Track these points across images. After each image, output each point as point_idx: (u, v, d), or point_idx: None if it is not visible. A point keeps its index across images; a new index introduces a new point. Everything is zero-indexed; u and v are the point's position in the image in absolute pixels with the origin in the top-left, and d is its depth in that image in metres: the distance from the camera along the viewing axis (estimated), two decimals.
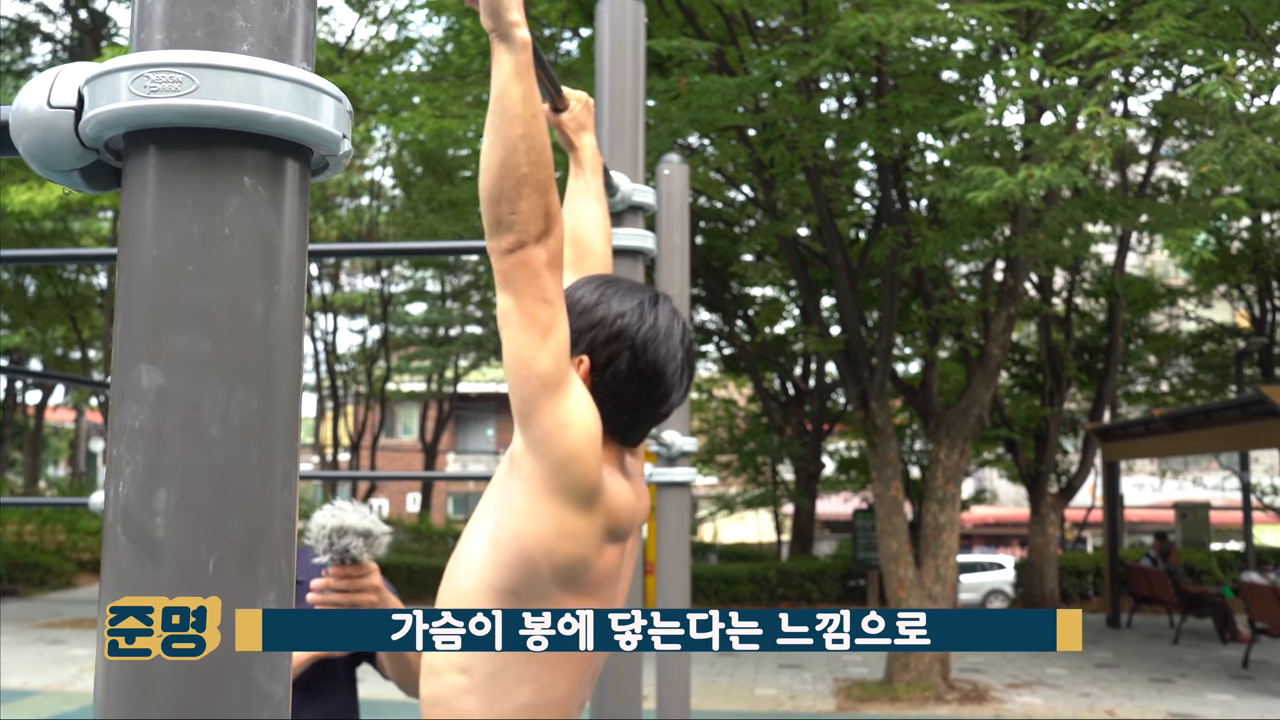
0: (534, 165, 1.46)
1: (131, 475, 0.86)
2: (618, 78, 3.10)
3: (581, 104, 2.11)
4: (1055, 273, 17.81)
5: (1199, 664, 12.71)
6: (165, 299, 0.86)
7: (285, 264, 0.90)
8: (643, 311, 1.68)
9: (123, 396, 0.87)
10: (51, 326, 21.41)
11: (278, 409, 0.89)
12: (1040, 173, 6.36)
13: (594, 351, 1.64)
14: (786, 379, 21.82)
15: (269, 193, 0.89)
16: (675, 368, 1.69)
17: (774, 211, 12.16)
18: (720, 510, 24.94)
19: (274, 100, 0.88)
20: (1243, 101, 5.69)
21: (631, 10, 3.20)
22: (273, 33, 0.90)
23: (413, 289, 25.07)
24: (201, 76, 0.86)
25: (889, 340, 11.27)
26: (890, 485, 11.08)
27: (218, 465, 0.85)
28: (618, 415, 1.66)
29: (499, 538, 1.57)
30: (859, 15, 7.02)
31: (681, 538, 3.88)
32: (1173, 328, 22.74)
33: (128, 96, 0.86)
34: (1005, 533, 30.40)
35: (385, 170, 18.46)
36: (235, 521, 0.86)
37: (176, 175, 0.87)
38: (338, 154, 0.95)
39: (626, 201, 2.95)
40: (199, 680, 0.83)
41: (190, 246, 0.86)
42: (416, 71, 13.00)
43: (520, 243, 1.47)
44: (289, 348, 0.91)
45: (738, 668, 12.40)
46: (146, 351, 0.86)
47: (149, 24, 0.89)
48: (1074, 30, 6.91)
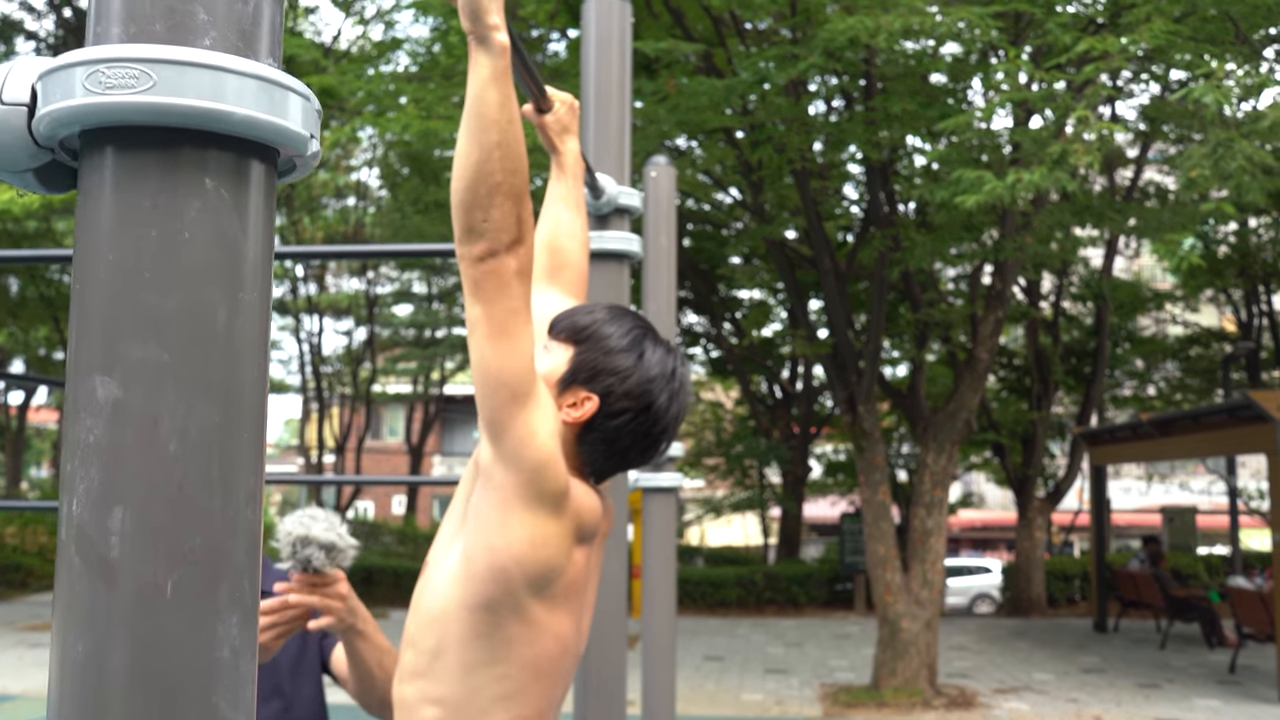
0: (508, 173, 1.44)
1: (86, 492, 0.81)
2: (604, 79, 3.05)
3: (566, 106, 2.07)
4: (1043, 276, 17.85)
5: (1186, 669, 12.72)
6: (122, 307, 0.82)
7: (249, 270, 0.86)
8: (669, 380, 1.68)
9: (77, 409, 0.82)
10: (34, 327, 21.30)
11: (241, 423, 0.84)
12: (1029, 176, 6.34)
13: (607, 396, 1.63)
14: (774, 382, 21.82)
15: (232, 195, 0.85)
16: (673, 436, 1.71)
17: (762, 214, 12.14)
18: (707, 514, 24.92)
19: (238, 98, 0.83)
20: (1231, 106, 5.67)
21: (618, 10, 3.16)
22: (237, 27, 0.85)
23: (399, 290, 25.02)
24: (160, 72, 0.81)
25: (877, 344, 11.25)
26: (878, 490, 11.06)
27: (177, 482, 0.80)
28: (604, 459, 1.66)
29: (471, 553, 1.55)
30: (847, 18, 7.00)
31: (668, 543, 3.85)
32: (1160, 332, 22.81)
33: (82, 93, 0.82)
34: (992, 536, 30.44)
35: (371, 171, 18.40)
36: (196, 541, 0.81)
37: (134, 176, 0.83)
38: (305, 154, 0.90)
39: (612, 204, 2.90)
40: (155, 703, 0.79)
41: (148, 252, 0.82)
42: (403, 72, 12.95)
43: (491, 251, 1.45)
44: (253, 358, 0.86)
45: (724, 673, 12.36)
46: (102, 362, 0.81)
47: (105, 16, 0.84)
48: (1063, 33, 6.90)
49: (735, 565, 21.91)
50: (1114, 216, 9.56)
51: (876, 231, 10.48)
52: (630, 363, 1.65)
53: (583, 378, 1.64)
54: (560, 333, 1.69)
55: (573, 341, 1.67)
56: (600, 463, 1.67)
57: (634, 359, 1.65)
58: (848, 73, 9.47)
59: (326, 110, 11.60)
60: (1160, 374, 22.14)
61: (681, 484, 3.98)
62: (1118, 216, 9.61)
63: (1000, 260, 10.48)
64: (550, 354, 1.68)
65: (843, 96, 10.59)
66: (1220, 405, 12.75)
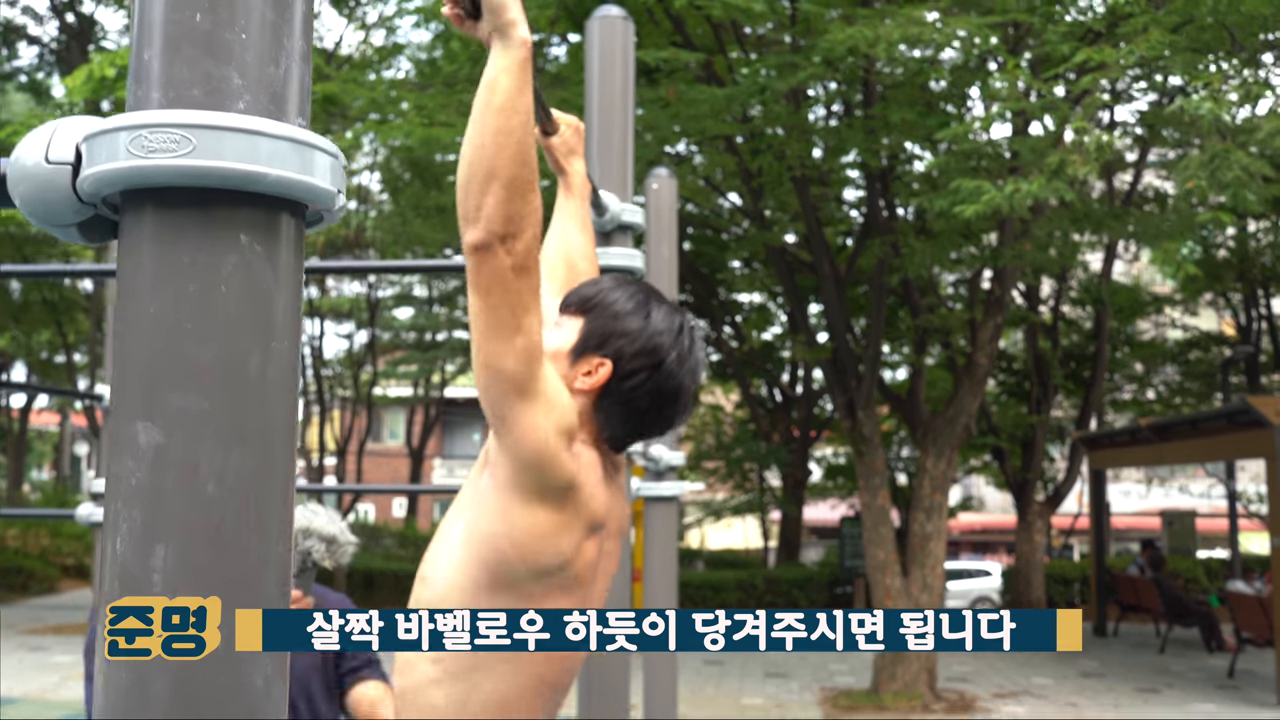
0: (509, 162, 1.43)
1: (129, 532, 0.86)
2: (607, 98, 3.11)
3: (572, 129, 2.11)
4: (1042, 281, 17.88)
5: (1185, 674, 12.76)
6: (163, 357, 0.87)
7: (280, 320, 0.91)
8: (678, 336, 1.71)
9: (120, 453, 0.87)
10: (37, 330, 21.34)
11: (274, 465, 0.90)
12: (1027, 186, 6.40)
13: (619, 359, 1.66)
14: (774, 385, 21.86)
15: (265, 249, 0.90)
16: (688, 398, 1.73)
17: (761, 220, 12.18)
18: (707, 517, 24.95)
19: (271, 159, 0.88)
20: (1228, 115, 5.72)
21: (621, 30, 3.21)
22: (269, 90, 0.91)
23: (400, 294, 25.05)
24: (199, 137, 0.86)
25: (876, 349, 11.30)
26: (877, 494, 11.11)
27: (215, 523, 0.86)
28: (624, 423, 1.69)
29: (472, 536, 1.59)
30: (847, 27, 7.05)
31: (669, 551, 3.90)
32: (1159, 335, 22.84)
33: (126, 156, 0.87)
34: (992, 539, 30.48)
35: (373, 175, 18.43)
36: (232, 576, 0.86)
37: (174, 233, 0.88)
38: (332, 209, 0.95)
39: (616, 221, 2.96)
40: (198, 679, 0.84)
41: (188, 305, 0.87)
42: (405, 78, 12.99)
43: (484, 243, 1.44)
44: (284, 403, 0.91)
45: (724, 677, 12.41)
46: (144, 409, 0.87)
47: (145, 81, 0.89)
48: (1061, 43, 6.95)
49: (735, 568, 21.94)
50: (1112, 223, 9.61)
51: (876, 239, 10.53)
52: (638, 324, 1.68)
53: (594, 344, 1.67)
54: (569, 306, 1.74)
55: (581, 312, 1.71)
56: (619, 428, 1.69)
57: (641, 319, 1.68)
58: (847, 80, 9.52)
59: (328, 117, 11.64)
60: (1159, 378, 22.17)
61: (682, 493, 4.03)
62: (1116, 223, 9.66)
63: (999, 266, 10.54)
64: (561, 328, 1.72)
65: (842, 104, 10.64)
66: (1218, 410, 12.81)
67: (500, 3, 1.43)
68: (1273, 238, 17.73)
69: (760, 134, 9.83)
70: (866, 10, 7.76)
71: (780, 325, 20.51)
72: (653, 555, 3.89)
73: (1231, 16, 6.38)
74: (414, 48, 13.81)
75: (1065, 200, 6.75)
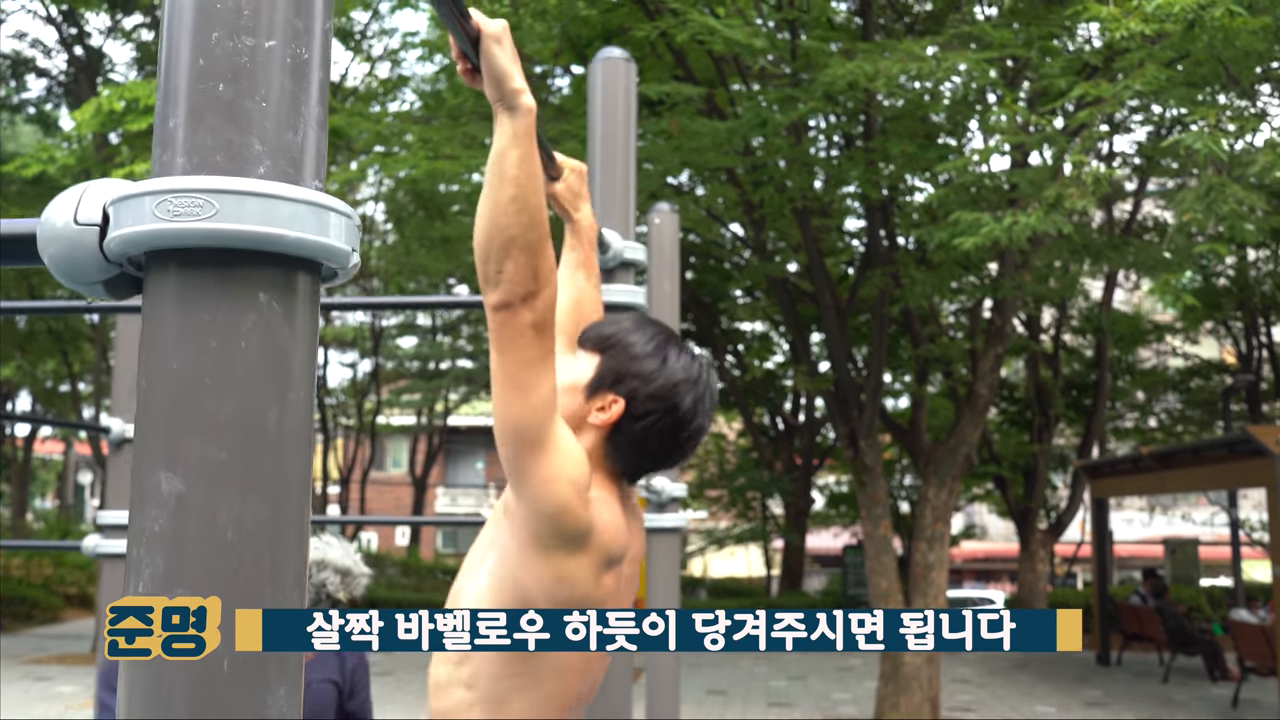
0: (524, 227, 1.49)
1: (150, 576, 0.91)
2: (609, 137, 3.17)
3: (575, 173, 2.15)
4: (1043, 310, 17.94)
5: (1188, 703, 12.72)
6: (184, 409, 0.91)
7: (297, 373, 0.95)
8: (694, 384, 1.76)
9: (143, 501, 0.92)
10: (42, 360, 21.41)
11: (289, 512, 0.94)
12: (1025, 219, 6.46)
13: (633, 399, 1.72)
14: (776, 414, 21.89)
15: (283, 307, 0.94)
16: (697, 440, 1.79)
17: (763, 250, 12.25)
18: (710, 545, 24.93)
19: (289, 221, 0.93)
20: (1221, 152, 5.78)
21: (623, 71, 3.28)
22: (288, 155, 0.95)
23: (403, 323, 25.15)
24: (222, 201, 0.91)
25: (877, 379, 11.34)
26: (879, 524, 11.12)
27: (234, 568, 0.90)
28: (634, 460, 1.75)
29: (497, 578, 1.64)
30: (846, 63, 7.13)
31: (672, 582, 3.93)
32: (1161, 364, 22.87)
33: (152, 219, 0.91)
34: (995, 568, 30.42)
35: (378, 206, 18.55)
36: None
37: (196, 292, 0.92)
38: (346, 266, 1.00)
39: (618, 258, 3.01)
40: (214, 679, 0.88)
41: (209, 360, 0.91)
42: (409, 110, 13.10)
43: (506, 302, 1.51)
44: (300, 453, 0.95)
45: (727, 706, 12.38)
46: (166, 459, 0.91)
47: (170, 147, 0.94)
48: (1058, 77, 7.03)
49: (738, 597, 21.92)
50: (1110, 254, 9.67)
51: (876, 269, 10.59)
52: (654, 366, 1.73)
53: (609, 382, 1.73)
54: (587, 342, 1.80)
55: (599, 350, 1.77)
56: (628, 463, 1.75)
57: (658, 363, 1.74)
58: (847, 114, 9.61)
59: (334, 150, 11.74)
60: (1161, 406, 22.19)
61: (685, 524, 4.07)
62: (1115, 254, 9.73)
63: (999, 297, 10.59)
64: (579, 362, 1.78)
65: (843, 136, 10.72)
66: (1219, 439, 12.82)
67: (504, 72, 1.48)
68: (1272, 266, 17.79)
69: (762, 166, 9.92)
70: (866, 45, 7.85)
71: (783, 354, 20.56)
72: (656, 585, 3.92)
73: (1227, 51, 6.46)
74: (419, 80, 13.94)
75: (1062, 232, 6.81)
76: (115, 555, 4.50)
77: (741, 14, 9.58)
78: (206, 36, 0.94)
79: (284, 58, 0.96)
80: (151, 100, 10.61)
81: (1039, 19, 8.16)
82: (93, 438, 19.20)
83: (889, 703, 10.90)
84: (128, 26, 14.80)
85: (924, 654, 10.92)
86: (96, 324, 18.43)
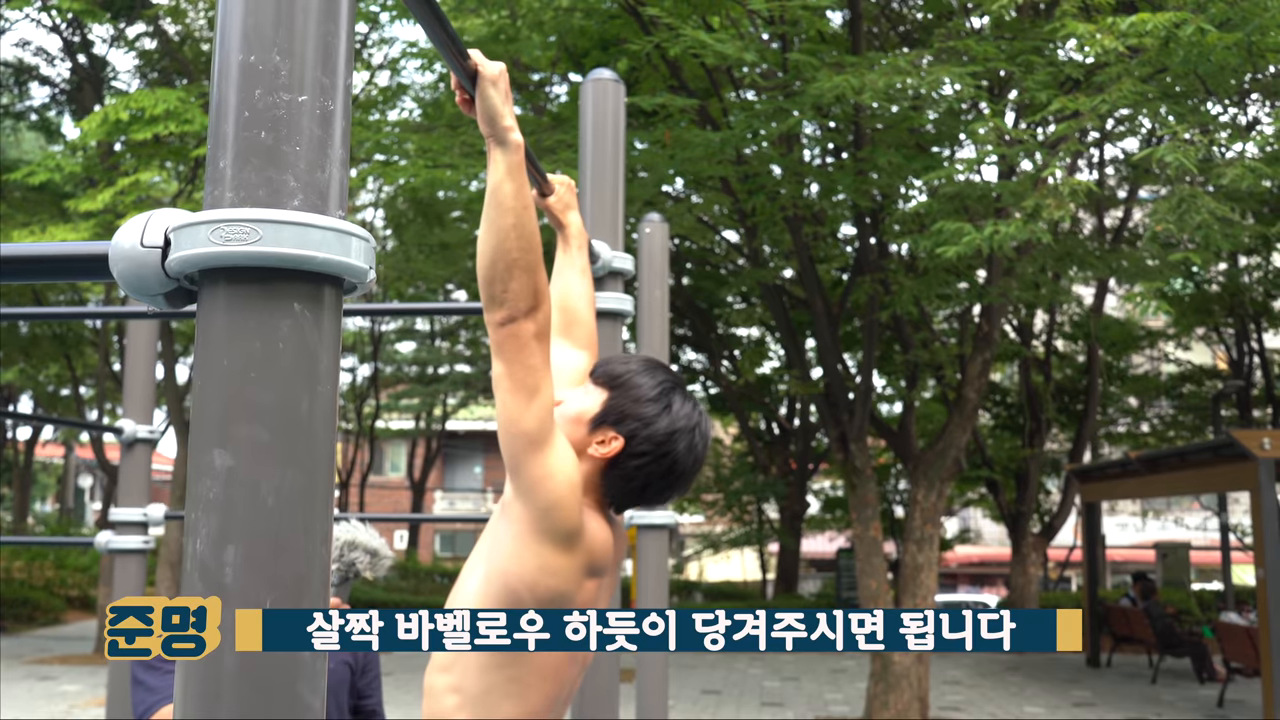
0: (523, 250, 1.70)
1: (206, 535, 1.11)
2: (599, 155, 3.38)
3: (565, 187, 2.38)
4: (1035, 316, 18.15)
5: (1175, 703, 12.91)
6: (233, 399, 1.12)
7: (324, 370, 1.16)
8: (692, 433, 1.91)
9: (199, 473, 1.13)
10: (45, 365, 21.59)
11: (318, 483, 1.15)
12: (1005, 229, 6.67)
13: (632, 439, 1.87)
14: (772, 419, 22.08)
15: (313, 315, 1.15)
16: (688, 483, 1.96)
17: (756, 258, 12.47)
18: (706, 549, 25.10)
19: (319, 245, 1.14)
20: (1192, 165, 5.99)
21: (612, 92, 3.49)
22: (317, 190, 1.16)
23: (402, 327, 25.33)
24: (264, 229, 1.12)
25: (868, 383, 11.55)
26: (869, 526, 11.32)
27: (273, 528, 1.11)
28: (624, 494, 1.91)
29: (490, 576, 1.82)
30: (834, 76, 7.35)
31: (661, 577, 4.12)
32: (1153, 369, 23.07)
33: (206, 244, 1.12)
34: (990, 572, 30.60)
35: (377, 212, 18.75)
36: (286, 571, 1.11)
37: (243, 302, 1.13)
38: (365, 281, 1.21)
39: (607, 267, 3.22)
40: (260, 690, 1.08)
41: (253, 359, 1.12)
42: (409, 119, 13.31)
43: (511, 317, 1.71)
44: (326, 434, 1.17)
45: (720, 705, 12.57)
46: (218, 439, 1.12)
47: (221, 184, 1.15)
48: (1040, 90, 7.25)
49: (733, 600, 22.10)
50: (1095, 262, 9.88)
51: (866, 276, 10.79)
52: (655, 412, 1.89)
53: (611, 419, 1.89)
54: (598, 378, 1.96)
55: (607, 386, 1.93)
56: (619, 497, 1.92)
57: (660, 409, 1.89)
58: (837, 124, 9.81)
59: None
60: (1153, 411, 22.39)
61: (675, 521, 4.26)
62: (1099, 262, 9.93)
63: (986, 303, 10.80)
64: (587, 395, 1.94)
65: (833, 146, 10.93)
66: (1205, 444, 13.02)
67: (495, 112, 1.69)
68: (1263, 273, 18.01)
69: (754, 175, 10.13)
70: (854, 58, 8.07)
71: (778, 359, 20.75)
72: (645, 581, 4.10)
73: (1203, 66, 6.67)
74: (418, 88, 14.15)
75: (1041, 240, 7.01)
76: (127, 551, 4.68)
77: (735, 25, 9.81)
78: (250, 93, 1.15)
79: (314, 109, 1.17)
80: (156, 110, 10.82)
81: (1023, 33, 8.38)
82: (95, 442, 19.37)
83: (879, 701, 11.09)
84: (131, 35, 15.00)
85: (913, 655, 11.12)
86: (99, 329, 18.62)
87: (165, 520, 4.93)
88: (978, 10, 8.44)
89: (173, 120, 10.99)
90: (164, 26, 14.50)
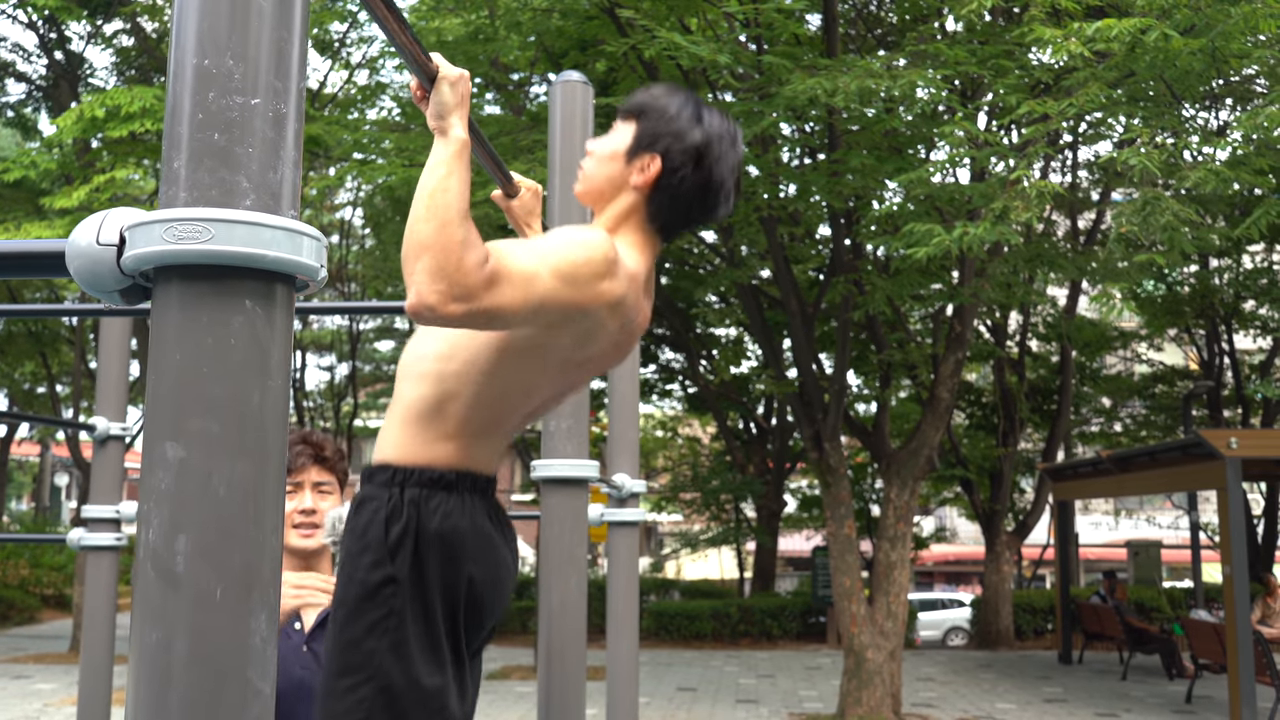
0: (441, 228, 1.65)
1: (158, 525, 1.15)
2: (568, 157, 3.40)
3: (531, 192, 2.41)
4: (1009, 317, 18.29)
5: (1144, 699, 13.05)
6: (186, 392, 1.16)
7: (275, 365, 1.20)
8: (724, 140, 1.96)
9: (152, 465, 1.16)
10: (21, 362, 21.47)
11: (268, 475, 1.19)
12: (975, 230, 6.75)
13: (668, 155, 1.93)
14: (749, 418, 22.15)
15: (264, 312, 1.19)
16: (729, 190, 2.00)
17: (732, 258, 12.53)
18: (684, 548, 25.16)
19: (270, 243, 1.18)
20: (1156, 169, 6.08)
21: (580, 94, 3.52)
22: (269, 190, 1.20)
23: (381, 326, 25.30)
24: (216, 228, 1.16)
25: (841, 383, 11.63)
26: (843, 524, 11.40)
27: (224, 519, 1.14)
28: (670, 215, 1.96)
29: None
30: (808, 79, 7.41)
31: (631, 575, 4.15)
32: (1126, 370, 23.26)
33: (160, 242, 1.16)
34: (965, 570, 30.79)
35: (355, 211, 18.73)
36: (236, 560, 1.15)
37: (195, 299, 1.17)
38: (316, 279, 1.25)
39: None
40: (208, 676, 1.12)
41: (205, 354, 1.16)
42: (387, 118, 13.32)
43: (439, 304, 1.64)
44: (277, 427, 1.21)
45: (695, 703, 12.63)
46: (170, 432, 1.16)
47: (175, 184, 1.19)
48: (1009, 94, 7.33)
49: (710, 598, 22.14)
50: (1065, 264, 9.99)
51: (840, 277, 10.87)
52: (687, 125, 1.94)
53: (645, 143, 1.94)
54: (625, 112, 2.01)
55: (635, 117, 1.99)
56: (667, 217, 1.96)
57: (691, 121, 1.95)
58: (811, 125, 9.88)
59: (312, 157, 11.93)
60: (1126, 411, 22.58)
61: (645, 519, 4.31)
62: (1070, 264, 10.04)
63: (958, 304, 10.90)
64: (617, 132, 1.99)
65: (808, 148, 11.00)
66: (1174, 443, 13.16)
67: (445, 107, 1.73)
68: (1232, 275, 18.19)
69: None
70: (828, 61, 8.13)
71: (755, 359, 20.84)
72: (615, 579, 4.13)
73: (1168, 71, 6.76)
74: (396, 87, 14.16)
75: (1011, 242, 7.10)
76: (99, 547, 4.69)
77: (713, 26, 9.86)
78: (204, 96, 1.19)
79: (266, 112, 1.21)
80: (132, 107, 10.79)
81: (995, 37, 8.47)
82: (71, 440, 19.28)
83: (852, 698, 11.18)
84: (108, 32, 14.94)
85: (886, 651, 11.21)
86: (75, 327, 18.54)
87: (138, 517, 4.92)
88: (952, 13, 8.53)
89: (149, 118, 10.97)
90: (141, 24, 14.46)
